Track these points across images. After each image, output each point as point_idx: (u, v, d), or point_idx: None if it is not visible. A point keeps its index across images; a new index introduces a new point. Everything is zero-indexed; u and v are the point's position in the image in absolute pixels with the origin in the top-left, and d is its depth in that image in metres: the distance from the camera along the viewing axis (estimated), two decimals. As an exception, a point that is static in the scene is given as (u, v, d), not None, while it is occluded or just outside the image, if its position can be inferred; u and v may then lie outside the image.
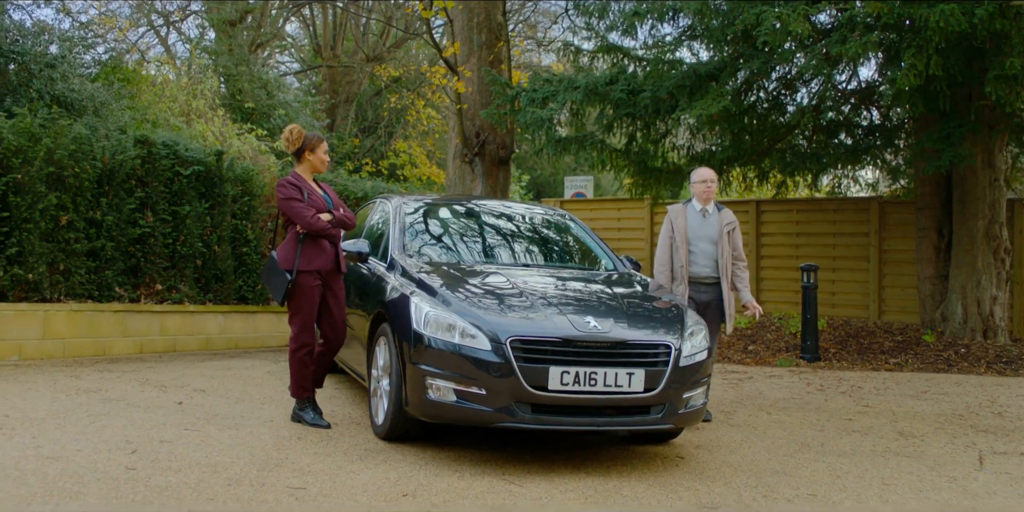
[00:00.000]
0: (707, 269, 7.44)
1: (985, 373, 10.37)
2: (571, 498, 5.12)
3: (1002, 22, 8.83)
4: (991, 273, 11.51)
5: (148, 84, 15.99)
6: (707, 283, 7.44)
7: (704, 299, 7.45)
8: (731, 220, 7.56)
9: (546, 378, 5.49)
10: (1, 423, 6.02)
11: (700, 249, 7.44)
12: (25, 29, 12.29)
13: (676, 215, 7.54)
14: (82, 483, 4.76)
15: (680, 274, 7.42)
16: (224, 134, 15.70)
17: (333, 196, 6.70)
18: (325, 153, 6.60)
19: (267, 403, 7.29)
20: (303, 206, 6.37)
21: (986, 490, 5.73)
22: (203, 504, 4.54)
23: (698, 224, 7.49)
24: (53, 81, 11.52)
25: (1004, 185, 11.94)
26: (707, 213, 7.53)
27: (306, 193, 6.43)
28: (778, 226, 15.25)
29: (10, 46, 11.70)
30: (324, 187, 6.75)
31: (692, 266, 7.42)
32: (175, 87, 16.34)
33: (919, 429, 7.51)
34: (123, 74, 15.31)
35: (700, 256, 7.44)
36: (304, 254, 6.39)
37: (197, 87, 16.75)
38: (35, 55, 11.65)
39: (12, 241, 8.76)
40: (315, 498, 4.79)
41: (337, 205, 6.64)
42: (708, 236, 7.45)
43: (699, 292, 7.44)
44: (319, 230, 6.38)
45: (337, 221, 6.51)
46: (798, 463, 6.26)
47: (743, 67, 10.61)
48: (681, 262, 7.40)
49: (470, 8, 13.86)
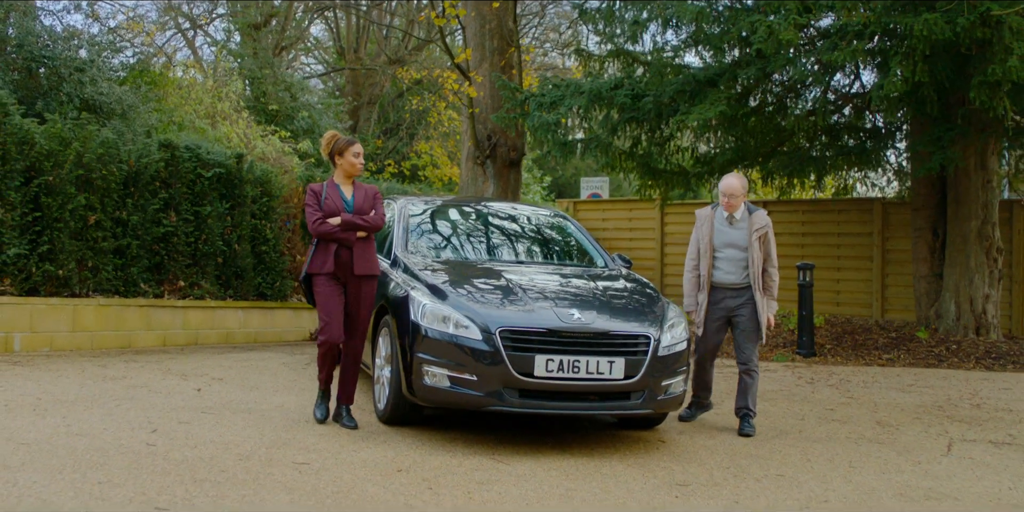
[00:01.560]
0: (733, 276, 7.11)
1: (973, 368, 10.73)
2: (553, 475, 5.59)
3: (983, 30, 9.22)
4: (984, 272, 11.87)
5: (174, 87, 16.50)
6: (735, 287, 7.12)
7: (732, 305, 7.14)
8: (763, 224, 7.15)
9: (532, 365, 5.97)
10: (35, 405, 6.55)
11: (727, 256, 7.13)
12: (56, 34, 12.84)
13: (703, 221, 7.26)
14: (106, 456, 5.28)
15: (703, 283, 7.19)
16: (248, 136, 16.21)
17: (360, 199, 6.64)
18: (356, 156, 6.63)
19: (280, 391, 7.79)
20: (311, 211, 6.52)
21: (947, 473, 6.14)
22: (215, 475, 5.05)
23: (724, 231, 7.16)
24: (83, 85, 12.06)
25: (997, 187, 12.30)
26: (735, 220, 7.16)
27: (322, 198, 6.54)
28: (784, 226, 15.61)
29: (41, 51, 12.24)
30: (360, 190, 6.70)
31: (717, 273, 7.13)
32: (201, 90, 16.86)
33: (896, 419, 7.90)
34: (150, 77, 15.84)
35: (726, 262, 7.13)
36: (316, 257, 6.53)
37: (222, 90, 17.28)
38: (65, 60, 12.18)
39: (44, 239, 9.30)
40: (317, 472, 5.28)
41: (364, 210, 6.60)
42: (735, 243, 7.11)
43: (726, 297, 7.14)
44: (322, 234, 6.48)
45: (346, 225, 6.48)
46: (773, 448, 6.69)
47: (741, 73, 11.02)
48: (704, 270, 7.17)
49: (482, 15, 14.33)
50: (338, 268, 6.51)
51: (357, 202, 6.62)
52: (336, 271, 6.51)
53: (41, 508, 4.28)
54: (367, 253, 6.61)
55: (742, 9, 11.33)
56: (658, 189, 13.90)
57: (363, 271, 6.57)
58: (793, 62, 10.80)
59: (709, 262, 7.13)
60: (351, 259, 6.53)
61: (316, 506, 4.65)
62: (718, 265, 7.14)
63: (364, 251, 6.59)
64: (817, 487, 5.68)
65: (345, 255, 6.53)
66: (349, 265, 6.53)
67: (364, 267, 6.58)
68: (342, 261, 6.52)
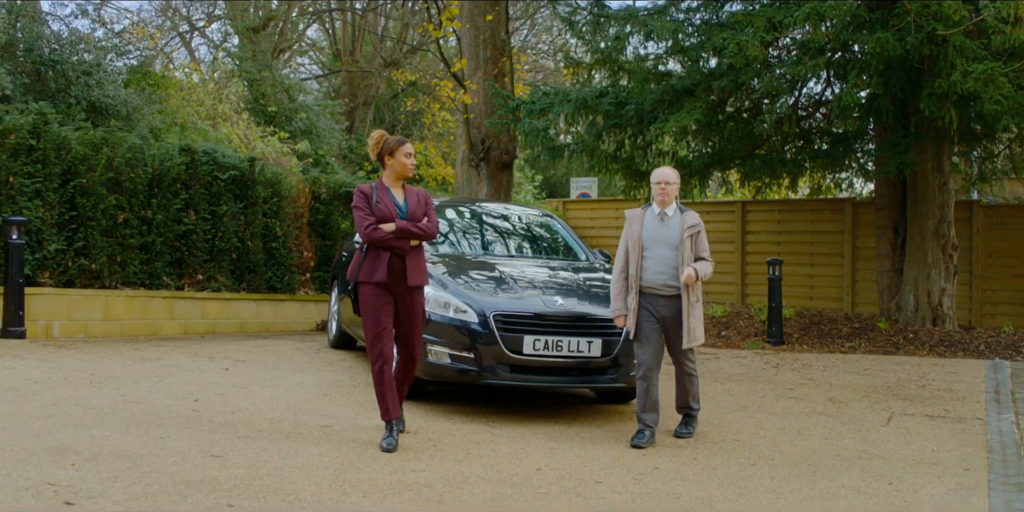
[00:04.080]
0: (663, 277, 6.75)
1: (927, 355, 11.71)
2: (539, 438, 6.58)
3: (930, 48, 10.20)
4: (940, 267, 12.84)
5: (176, 89, 17.22)
6: (665, 295, 6.76)
7: (664, 313, 6.78)
8: (695, 223, 6.88)
9: (521, 345, 6.98)
10: (90, 380, 7.50)
11: (657, 255, 6.77)
12: (63, 39, 13.44)
13: (633, 220, 6.94)
14: (162, 418, 6.25)
15: (632, 284, 6.81)
16: (248, 137, 17.01)
17: (413, 204, 6.28)
18: (407, 156, 6.22)
19: (297, 371, 8.75)
20: (363, 215, 6.13)
21: (882, 439, 7.12)
22: (254, 433, 6.03)
23: (654, 228, 6.84)
24: (90, 88, 12.71)
25: (963, 189, 13.29)
26: (666, 216, 6.88)
27: (374, 201, 6.16)
28: (761, 225, 16.62)
29: (50, 55, 12.87)
30: (412, 194, 6.35)
31: (646, 273, 6.77)
32: (202, 92, 17.60)
33: (847, 397, 8.87)
34: (153, 79, 16.56)
35: (656, 262, 6.77)
36: (366, 265, 6.13)
37: (223, 91, 18.04)
38: (72, 63, 12.83)
39: (79, 236, 10.24)
40: (338, 432, 6.26)
41: (417, 216, 6.24)
42: (667, 241, 6.79)
43: (658, 305, 6.79)
44: (375, 241, 6.08)
45: (400, 232, 6.11)
46: (732, 419, 7.67)
47: (715, 84, 11.98)
48: (632, 271, 6.80)
49: (476, 26, 15.27)
50: (390, 278, 6.12)
51: (410, 207, 6.25)
52: (387, 281, 6.13)
53: (121, 453, 5.24)
54: (419, 262, 6.28)
55: (716, 24, 12.30)
56: (642, 189, 14.86)
57: (416, 282, 6.22)
58: (761, 75, 11.77)
59: (638, 262, 6.78)
60: (404, 269, 6.17)
61: (340, 458, 5.61)
62: (647, 265, 6.77)
63: (417, 260, 6.25)
64: (766, 449, 6.66)
65: (398, 264, 6.15)
66: (402, 275, 6.16)
67: (417, 277, 6.23)
68: (394, 271, 6.14)
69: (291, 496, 4.74)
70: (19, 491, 4.42)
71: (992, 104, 9.94)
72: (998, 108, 10.00)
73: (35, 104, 10.45)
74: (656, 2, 13.75)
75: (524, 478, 5.50)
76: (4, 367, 7.68)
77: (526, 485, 5.35)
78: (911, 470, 6.16)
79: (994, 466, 6.32)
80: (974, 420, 7.82)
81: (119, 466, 4.99)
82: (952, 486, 5.78)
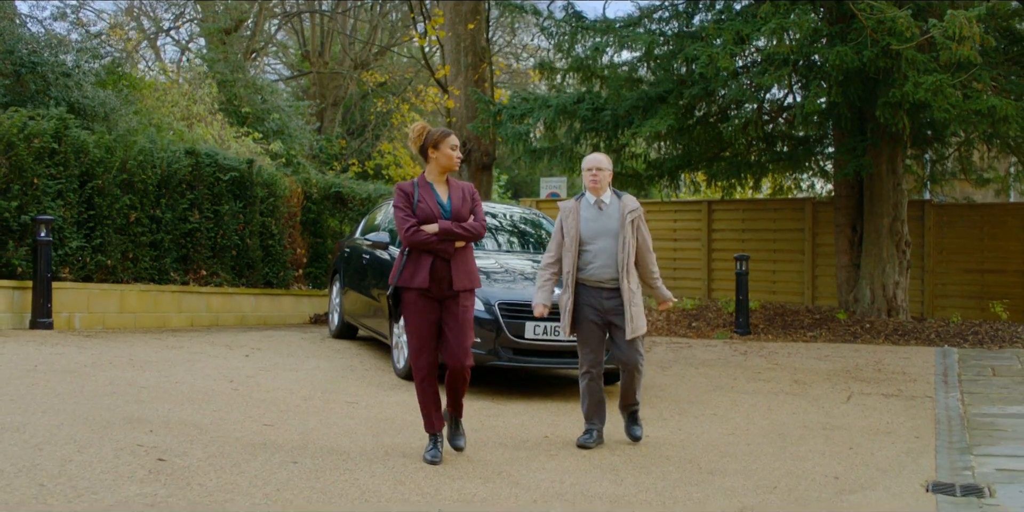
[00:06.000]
0: (609, 270, 6.31)
1: (883, 343, 12.65)
2: (542, 413, 7.41)
3: (885, 61, 11.14)
4: (894, 262, 13.82)
5: (150, 90, 17.64)
6: (609, 287, 6.35)
7: (608, 306, 6.35)
8: (634, 207, 6.43)
9: (523, 330, 7.81)
10: (131, 364, 8.23)
11: (599, 248, 6.33)
12: (43, 41, 13.61)
13: (567, 213, 6.45)
14: (206, 396, 7.01)
15: (567, 281, 6.37)
16: (223, 137, 17.50)
17: (458, 201, 5.78)
18: (453, 148, 5.73)
19: (311, 357, 9.52)
20: (404, 216, 5.66)
21: (843, 414, 8.00)
22: (292, 407, 6.81)
23: (593, 218, 6.39)
24: (69, 89, 13.00)
25: (917, 189, 14.29)
26: (604, 204, 6.41)
27: (415, 200, 5.69)
28: (727, 223, 17.56)
29: (30, 57, 12.98)
30: (456, 190, 5.85)
31: (589, 268, 6.32)
32: (177, 93, 18.04)
33: (810, 379, 9.76)
34: (128, 80, 16.99)
35: (599, 256, 6.32)
36: (407, 269, 5.66)
37: (196, 92, 18.47)
38: (52, 65, 13.03)
39: (96, 234, 10.93)
40: (365, 408, 7.05)
41: (462, 214, 5.75)
42: (608, 230, 6.34)
43: (601, 298, 6.35)
44: (417, 244, 5.62)
45: (444, 233, 5.62)
46: (710, 398, 8.53)
47: (686, 91, 12.86)
48: (568, 268, 6.35)
49: (458, 34, 16.08)
50: (433, 283, 5.65)
51: (455, 205, 5.74)
52: (431, 286, 5.65)
53: (187, 422, 6.02)
54: (466, 263, 5.77)
55: (687, 35, 13.19)
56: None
57: (463, 285, 5.73)
58: (729, 84, 12.67)
59: (574, 257, 6.33)
60: (449, 273, 5.67)
61: (373, 427, 6.41)
62: (590, 259, 6.33)
63: (463, 262, 5.75)
64: (742, 421, 7.52)
65: (442, 268, 5.66)
66: (447, 279, 5.67)
67: (463, 281, 5.74)
68: (438, 275, 5.66)
69: (342, 455, 5.54)
70: (117, 451, 5.18)
71: (941, 112, 10.90)
72: (947, 116, 10.97)
73: (53, 110, 11.06)
74: (630, 13, 14.63)
75: (535, 443, 6.33)
76: (52, 353, 8.39)
77: (537, 448, 6.18)
78: (869, 438, 7.03)
79: (941, 434, 7.21)
80: (924, 398, 8.72)
81: (190, 432, 5.76)
82: (904, 450, 6.65)
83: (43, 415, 5.90)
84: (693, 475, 5.76)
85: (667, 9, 14.33)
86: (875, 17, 10.83)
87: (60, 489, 4.45)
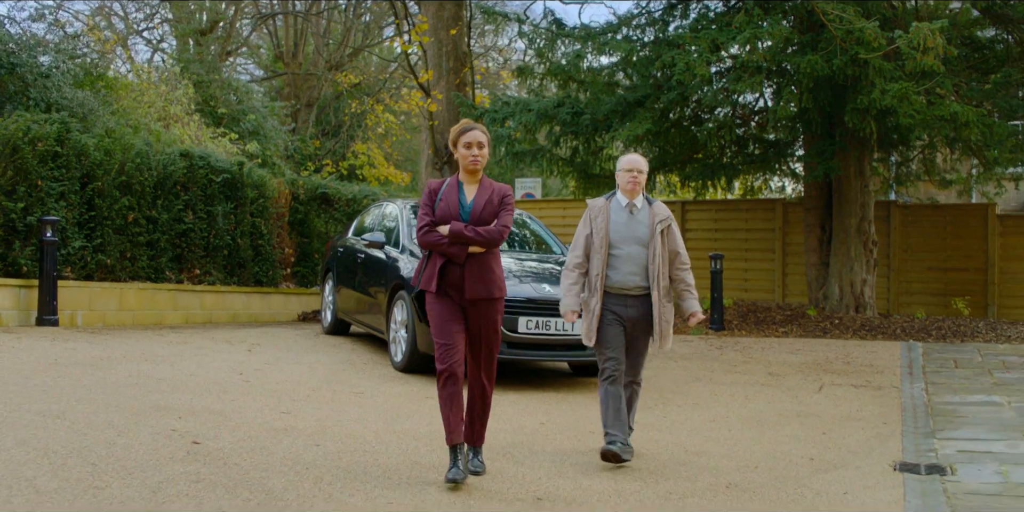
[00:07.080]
0: (635, 277, 6.02)
1: (851, 338, 13.23)
2: (535, 403, 7.89)
3: (853, 69, 11.72)
4: (862, 261, 14.42)
5: (127, 90, 17.85)
6: (634, 295, 6.04)
7: (632, 315, 6.05)
8: (665, 216, 6.16)
9: (517, 324, 8.29)
10: (144, 357, 8.64)
11: (626, 253, 6.03)
12: (21, 42, 13.73)
13: (597, 212, 6.12)
14: (221, 387, 7.44)
15: (595, 284, 6.02)
16: (200, 138, 17.76)
17: (481, 204, 5.37)
18: (467, 147, 5.32)
19: (311, 352, 9.96)
20: (422, 214, 5.37)
21: (815, 402, 8.52)
22: (303, 397, 7.26)
23: (624, 222, 6.08)
24: (47, 90, 13.26)
25: (881, 190, 14.90)
26: (635, 209, 6.11)
27: (438, 199, 5.38)
28: (700, 223, 18.12)
29: (9, 58, 13.08)
30: (485, 192, 5.42)
31: (614, 274, 6.02)
32: (154, 94, 18.22)
33: (784, 371, 10.29)
34: (105, 81, 17.18)
35: (626, 262, 6.02)
36: (426, 271, 5.38)
37: (173, 93, 18.66)
38: (30, 66, 13.20)
39: (96, 234, 11.30)
40: (370, 398, 7.51)
41: (485, 217, 5.34)
42: (637, 237, 6.05)
43: (625, 306, 6.04)
44: (426, 245, 5.34)
45: (453, 236, 5.24)
46: (690, 388, 9.03)
47: (663, 96, 13.38)
48: (597, 270, 6.01)
49: (440, 40, 16.51)
50: (446, 288, 5.33)
51: (476, 207, 5.35)
52: (444, 291, 5.34)
53: (211, 410, 6.45)
54: (484, 271, 5.35)
55: (663, 41, 13.72)
56: (594, 191, 16.23)
57: (476, 294, 5.31)
58: (704, 89, 13.21)
59: (604, 260, 6.01)
60: (462, 279, 5.30)
61: (383, 415, 6.86)
62: (615, 264, 6.03)
63: (480, 269, 5.33)
64: (721, 410, 8.04)
65: (454, 274, 5.31)
66: (459, 286, 5.31)
67: (478, 289, 5.32)
68: (451, 280, 5.32)
69: (359, 440, 5.99)
70: (153, 435, 5.61)
71: (906, 118, 11.50)
72: (911, 121, 11.58)
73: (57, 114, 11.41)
74: (608, 20, 15.15)
75: (533, 429, 6.81)
76: (66, 348, 8.79)
77: (536, 433, 6.66)
78: (840, 424, 7.56)
79: (906, 421, 7.75)
80: (891, 388, 9.27)
81: (216, 419, 6.20)
82: (873, 434, 7.18)
83: (77, 403, 6.33)
84: (680, 455, 6.26)
85: (644, 16, 14.86)
86: (844, 27, 11.40)
87: (111, 468, 4.88)
